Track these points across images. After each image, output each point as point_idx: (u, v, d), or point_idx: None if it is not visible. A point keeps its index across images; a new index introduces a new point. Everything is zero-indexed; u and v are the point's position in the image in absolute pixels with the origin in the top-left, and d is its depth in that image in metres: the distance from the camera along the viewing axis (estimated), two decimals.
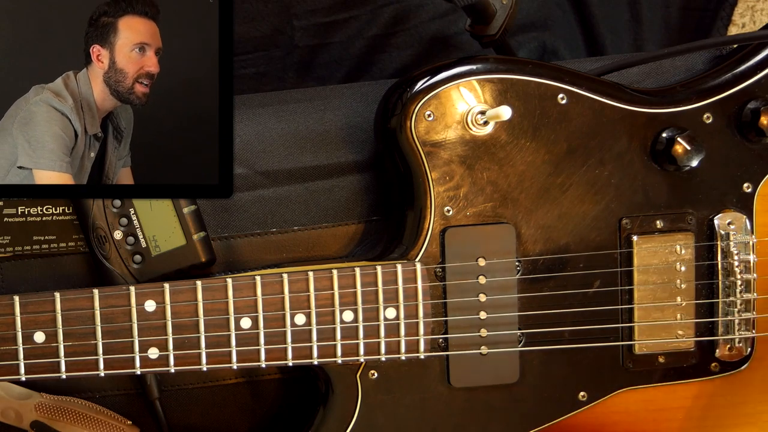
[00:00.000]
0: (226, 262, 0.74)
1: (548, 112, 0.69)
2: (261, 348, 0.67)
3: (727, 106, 0.71)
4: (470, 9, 0.73)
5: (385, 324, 0.68)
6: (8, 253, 0.72)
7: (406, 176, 0.70)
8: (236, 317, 0.67)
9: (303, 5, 0.86)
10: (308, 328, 0.68)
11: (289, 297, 0.67)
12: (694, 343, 0.72)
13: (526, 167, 0.70)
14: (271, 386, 0.77)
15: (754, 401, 0.74)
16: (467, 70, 0.69)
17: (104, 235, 0.70)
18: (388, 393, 0.70)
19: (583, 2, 0.93)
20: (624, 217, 0.71)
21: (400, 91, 0.69)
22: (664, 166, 0.71)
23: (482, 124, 0.68)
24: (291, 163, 0.74)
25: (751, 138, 0.71)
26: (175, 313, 0.66)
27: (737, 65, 0.72)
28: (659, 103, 0.71)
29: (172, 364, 0.67)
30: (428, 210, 0.69)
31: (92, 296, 0.66)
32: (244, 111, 0.75)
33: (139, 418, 0.76)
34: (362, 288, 0.68)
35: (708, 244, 0.72)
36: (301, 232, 0.75)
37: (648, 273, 0.71)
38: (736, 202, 0.72)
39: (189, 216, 0.71)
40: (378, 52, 0.90)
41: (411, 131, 0.68)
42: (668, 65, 0.77)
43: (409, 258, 0.69)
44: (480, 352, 0.70)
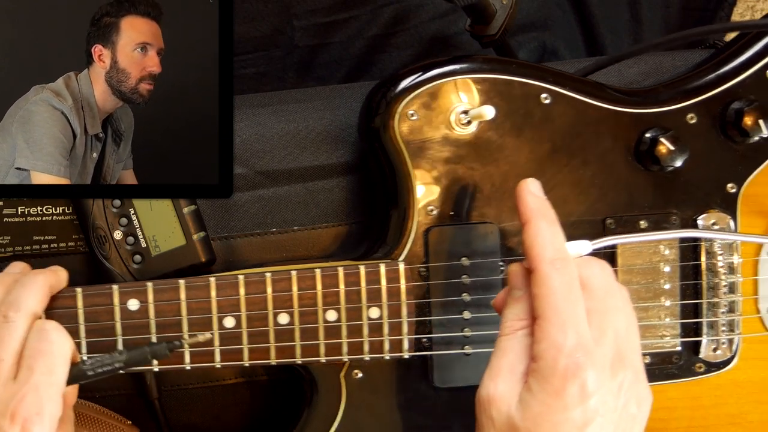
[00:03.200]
0: (226, 262, 0.74)
1: (532, 111, 0.69)
2: (244, 347, 0.67)
3: (711, 107, 0.71)
4: (470, 9, 0.73)
5: (369, 323, 0.68)
6: (8, 253, 0.72)
7: (389, 176, 0.70)
8: (219, 316, 0.67)
9: (303, 5, 0.86)
10: (292, 327, 0.68)
11: (272, 296, 0.67)
12: (678, 344, 0.72)
13: (509, 167, 0.70)
14: (271, 386, 0.77)
15: (739, 402, 0.74)
16: (451, 70, 0.69)
17: (104, 235, 0.70)
18: (373, 393, 0.70)
19: (583, 2, 0.93)
20: (608, 218, 0.71)
21: (384, 90, 0.69)
22: (648, 167, 0.71)
23: (465, 123, 0.68)
24: (291, 163, 0.74)
25: (735, 138, 0.71)
26: (158, 312, 0.66)
27: (721, 65, 0.72)
28: (643, 103, 0.71)
29: (156, 362, 0.67)
30: (412, 209, 0.69)
31: (75, 295, 0.66)
32: (244, 111, 0.75)
33: (139, 418, 0.76)
34: (346, 288, 0.68)
35: (692, 244, 0.72)
36: (301, 232, 0.75)
37: (632, 273, 0.71)
38: (720, 203, 0.72)
39: (189, 216, 0.71)
40: (378, 52, 0.90)
41: (394, 130, 0.68)
42: (668, 65, 0.77)
43: (393, 258, 0.69)
44: (464, 351, 0.70)
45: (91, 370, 0.61)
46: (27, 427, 0.57)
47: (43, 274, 0.64)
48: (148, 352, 0.62)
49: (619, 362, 0.57)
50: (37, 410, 0.57)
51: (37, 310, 0.63)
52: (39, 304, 0.63)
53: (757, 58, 0.71)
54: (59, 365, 0.60)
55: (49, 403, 0.58)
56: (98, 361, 0.62)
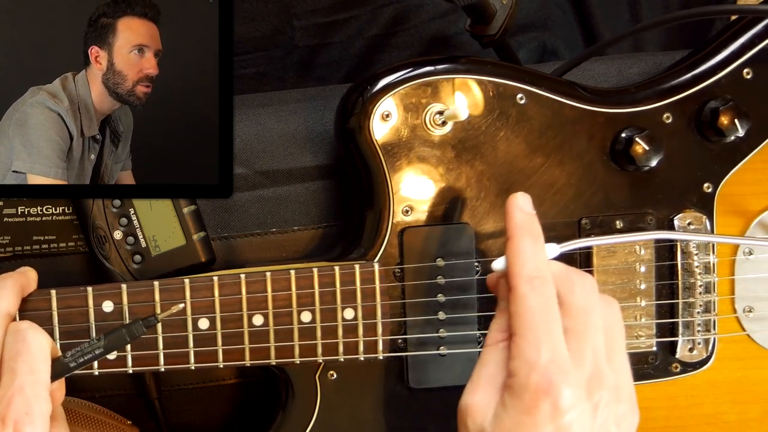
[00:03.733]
0: (226, 262, 0.74)
1: (507, 112, 0.69)
2: (219, 349, 0.67)
3: (687, 106, 0.71)
4: (470, 9, 0.72)
5: (344, 324, 0.68)
6: (8, 253, 0.72)
7: (365, 177, 0.70)
8: (194, 318, 0.67)
9: (303, 5, 0.86)
10: (266, 328, 0.67)
11: (246, 298, 0.67)
12: (654, 344, 0.72)
13: (485, 167, 0.70)
14: (271, 387, 0.77)
15: (715, 402, 0.74)
16: (426, 71, 0.68)
17: (104, 235, 0.70)
18: (347, 394, 0.70)
19: (583, 2, 0.93)
20: (583, 218, 0.71)
21: (359, 90, 0.69)
22: (624, 166, 0.70)
23: (440, 124, 0.68)
24: (291, 163, 0.74)
25: (711, 138, 0.71)
26: (133, 313, 0.66)
27: (697, 65, 0.71)
28: (619, 102, 0.71)
29: (130, 364, 0.67)
30: (387, 210, 0.69)
31: (50, 297, 0.66)
32: (244, 111, 0.75)
33: (139, 418, 0.76)
34: (320, 289, 0.68)
35: (668, 244, 0.71)
36: (301, 232, 0.75)
37: (607, 273, 0.71)
38: (696, 202, 0.72)
39: (189, 216, 0.71)
40: (378, 52, 0.89)
41: (370, 131, 0.68)
42: (668, 65, 0.76)
43: (368, 258, 0.69)
44: (439, 352, 0.70)
45: (73, 362, 0.62)
46: (19, 428, 0.57)
47: (12, 276, 0.64)
48: (125, 332, 0.63)
49: (596, 382, 0.56)
50: (26, 410, 0.58)
51: (10, 310, 0.63)
52: (11, 305, 0.63)
53: (733, 58, 0.71)
54: (40, 363, 0.60)
55: (36, 402, 0.59)
56: (78, 351, 0.62)
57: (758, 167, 0.72)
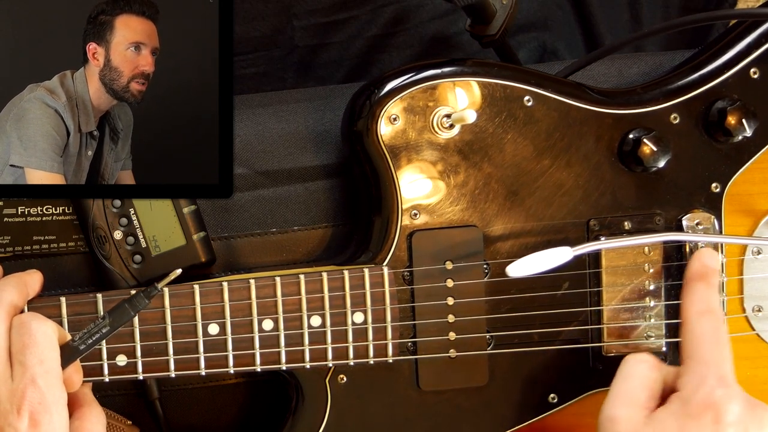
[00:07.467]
0: (226, 262, 0.74)
1: (514, 114, 0.69)
2: (229, 354, 0.67)
3: (694, 107, 0.71)
4: (470, 9, 0.72)
5: (353, 328, 0.68)
6: (8, 253, 0.72)
7: (372, 179, 0.70)
8: (204, 323, 0.67)
9: (303, 5, 0.85)
10: (276, 333, 0.68)
11: (256, 303, 0.67)
12: (664, 344, 0.72)
13: (492, 170, 0.70)
14: (272, 387, 0.77)
15: None
16: (433, 74, 0.68)
17: (104, 235, 0.70)
18: (358, 397, 0.70)
19: (583, 2, 0.93)
20: (592, 219, 0.71)
21: (367, 93, 0.69)
22: (632, 167, 0.70)
23: (448, 127, 0.68)
24: (291, 163, 0.74)
25: (719, 138, 0.71)
26: (142, 320, 0.66)
27: (704, 65, 0.71)
28: (626, 103, 0.71)
29: (141, 371, 0.67)
30: (395, 214, 0.69)
31: (59, 304, 0.66)
32: (244, 111, 0.75)
33: (139, 418, 0.76)
34: (329, 293, 0.68)
35: (676, 245, 0.71)
36: (301, 232, 0.75)
37: (616, 274, 0.71)
38: (705, 203, 0.72)
39: (189, 216, 0.71)
40: (378, 52, 0.89)
41: (377, 134, 0.68)
42: (669, 65, 0.77)
43: (377, 262, 0.69)
44: (449, 355, 0.70)
45: (82, 344, 0.62)
46: (35, 419, 0.58)
47: (18, 273, 0.66)
48: (128, 306, 0.63)
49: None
50: (39, 400, 0.59)
51: (16, 302, 0.63)
52: (15, 297, 0.63)
53: (740, 58, 0.71)
54: (48, 351, 0.61)
55: (49, 391, 0.59)
56: (85, 333, 0.63)
57: (766, 167, 0.72)
